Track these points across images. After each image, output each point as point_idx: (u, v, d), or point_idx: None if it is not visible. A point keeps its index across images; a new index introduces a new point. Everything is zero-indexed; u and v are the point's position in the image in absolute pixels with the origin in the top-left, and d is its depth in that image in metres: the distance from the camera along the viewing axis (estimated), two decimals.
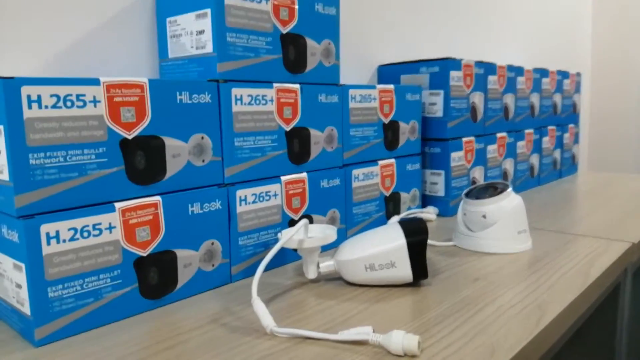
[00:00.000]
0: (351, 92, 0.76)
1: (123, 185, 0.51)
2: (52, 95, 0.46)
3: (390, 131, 0.85)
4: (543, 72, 1.26)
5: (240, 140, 0.61)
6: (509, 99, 1.12)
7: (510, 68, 1.11)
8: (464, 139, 0.97)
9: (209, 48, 0.59)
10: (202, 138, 0.58)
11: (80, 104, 0.47)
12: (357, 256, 0.58)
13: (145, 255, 0.53)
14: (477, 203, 0.73)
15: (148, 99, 0.52)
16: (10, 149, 0.44)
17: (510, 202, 0.72)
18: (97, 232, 0.49)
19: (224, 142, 0.60)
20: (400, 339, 0.42)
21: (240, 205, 0.61)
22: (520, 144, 1.18)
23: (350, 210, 0.78)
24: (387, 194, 0.85)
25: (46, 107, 0.45)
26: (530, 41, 1.66)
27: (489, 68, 1.04)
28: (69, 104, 0.47)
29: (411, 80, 0.97)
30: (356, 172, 0.78)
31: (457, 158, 0.96)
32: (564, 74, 1.38)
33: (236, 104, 0.60)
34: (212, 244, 0.59)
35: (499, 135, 1.09)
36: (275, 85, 0.64)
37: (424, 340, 0.45)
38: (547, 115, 1.30)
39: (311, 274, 0.59)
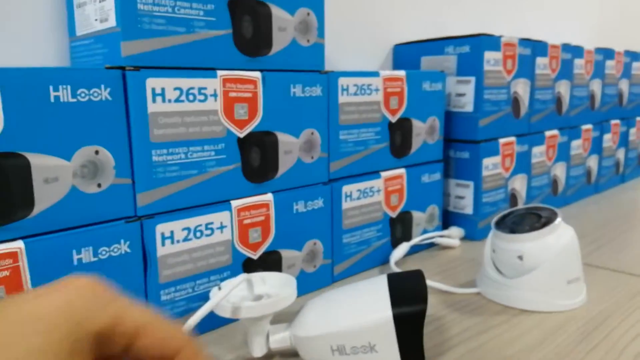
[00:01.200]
0: (342, 81, 0.56)
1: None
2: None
3: (399, 132, 0.64)
4: (607, 53, 1.01)
5: (161, 153, 0.43)
6: (563, 88, 0.89)
7: (566, 48, 0.88)
8: (502, 140, 0.76)
9: (112, 21, 0.41)
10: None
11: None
12: (321, 332, 0.39)
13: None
14: (510, 239, 0.52)
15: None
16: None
17: (558, 239, 0.51)
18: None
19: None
20: None
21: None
22: (575, 143, 0.94)
23: (338, 240, 0.59)
24: (394, 214, 0.65)
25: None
26: (592, 15, 1.38)
27: (538, 47, 0.81)
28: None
29: (434, 63, 0.75)
30: (348, 188, 0.59)
31: (491, 165, 0.74)
32: (634, 55, 1.12)
33: (162, 101, 0.42)
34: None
35: (548, 134, 0.86)
36: (220, 73, 0.45)
37: None
38: (611, 107, 1.05)
39: (257, 350, 0.41)
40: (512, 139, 0.78)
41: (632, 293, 0.55)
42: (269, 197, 0.51)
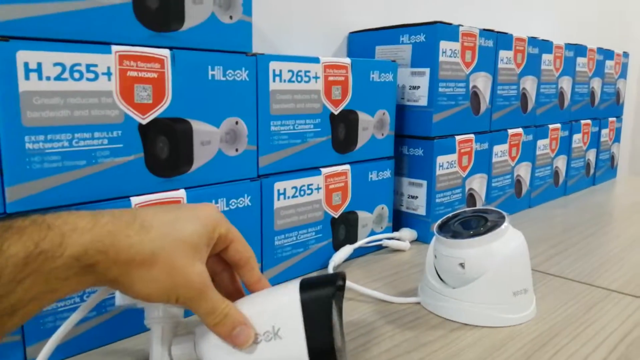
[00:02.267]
0: (273, 65, 0.51)
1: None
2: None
3: (342, 125, 0.59)
4: (579, 49, 0.97)
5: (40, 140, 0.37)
6: (529, 84, 0.84)
7: (533, 41, 0.83)
8: (459, 138, 0.71)
9: None
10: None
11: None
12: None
13: None
14: (451, 244, 0.47)
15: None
16: None
17: (504, 245, 0.46)
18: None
19: None
20: None
21: None
22: (542, 142, 0.90)
23: (269, 242, 0.53)
24: (336, 214, 0.60)
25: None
26: (566, 11, 1.34)
27: (501, 40, 0.76)
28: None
29: (388, 53, 0.70)
30: (281, 185, 0.53)
31: (446, 163, 0.69)
32: (607, 53, 1.08)
33: (39, 79, 0.36)
34: None
35: (511, 132, 0.81)
36: (116, 49, 0.39)
37: None
38: (582, 106, 1.01)
39: None
40: (471, 136, 0.73)
41: (587, 305, 0.50)
42: (180, 193, 0.45)
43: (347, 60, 0.58)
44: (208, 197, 0.47)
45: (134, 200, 0.42)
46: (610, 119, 1.14)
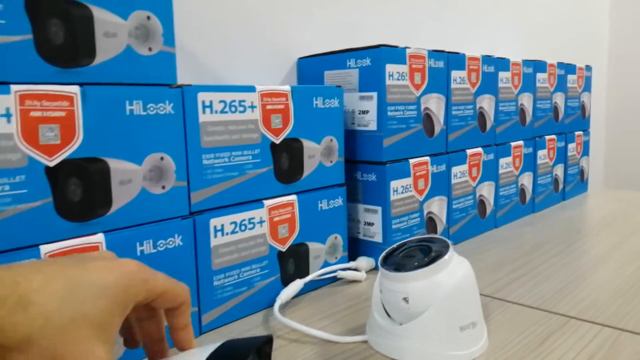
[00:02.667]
0: (203, 96, 0.48)
1: None
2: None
3: (285, 155, 0.56)
4: (538, 65, 0.96)
5: None
6: (487, 103, 0.83)
7: (488, 60, 0.82)
8: (413, 161, 0.69)
9: None
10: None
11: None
12: None
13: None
14: (395, 277, 0.44)
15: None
16: None
17: (448, 277, 0.43)
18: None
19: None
20: None
21: None
22: (504, 161, 0.88)
23: (207, 283, 0.50)
24: (284, 247, 0.57)
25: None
26: (527, 29, 1.35)
27: (453, 60, 0.74)
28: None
29: (337, 78, 0.68)
30: (218, 221, 0.50)
31: (401, 188, 0.67)
32: (569, 68, 1.07)
33: None
34: None
35: (470, 152, 0.80)
36: (16, 88, 0.37)
37: None
38: (545, 122, 1.00)
39: None
40: (426, 158, 0.71)
41: (543, 335, 0.48)
42: (98, 237, 0.42)
43: (287, 88, 0.56)
44: (131, 240, 0.44)
45: (44, 248, 0.39)
46: (577, 133, 1.13)
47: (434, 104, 0.71)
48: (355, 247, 0.69)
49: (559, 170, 1.06)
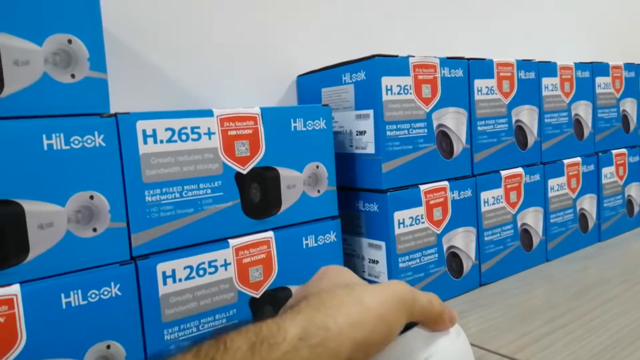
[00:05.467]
0: (142, 125, 0.43)
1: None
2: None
3: (256, 186, 0.49)
4: (595, 68, 0.82)
5: None
6: (526, 114, 0.70)
7: (524, 64, 0.70)
8: (424, 187, 0.59)
9: None
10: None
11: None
12: None
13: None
14: None
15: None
16: None
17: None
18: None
19: None
20: None
21: None
22: (555, 182, 0.75)
23: (156, 338, 0.44)
24: (257, 293, 0.49)
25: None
26: (589, 27, 1.18)
27: (476, 67, 0.64)
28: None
29: (333, 95, 0.61)
30: (166, 266, 0.44)
31: (409, 219, 0.57)
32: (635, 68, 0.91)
33: None
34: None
35: (505, 173, 0.68)
36: None
37: None
38: (609, 134, 0.85)
39: None
40: (443, 183, 0.60)
41: None
42: (14, 289, 0.37)
43: (256, 110, 0.49)
44: (53, 290, 0.39)
45: None
46: None
47: (452, 120, 0.61)
48: None
49: (633, 190, 0.89)
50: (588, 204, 0.80)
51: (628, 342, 0.47)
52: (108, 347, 0.41)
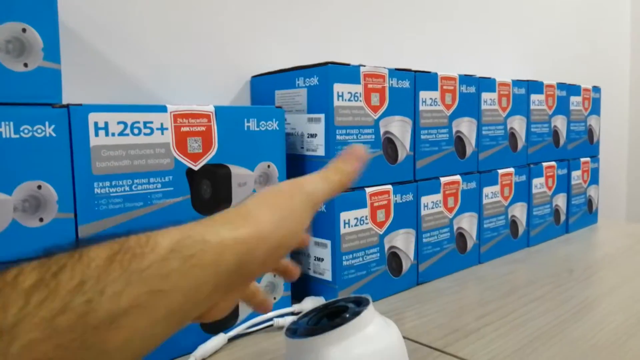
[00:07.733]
0: (94, 117, 0.43)
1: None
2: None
3: (206, 182, 0.50)
4: (531, 86, 0.88)
5: None
6: (465, 126, 0.75)
7: (465, 79, 0.75)
8: (370, 190, 0.62)
9: None
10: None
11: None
12: None
13: None
14: (298, 345, 0.37)
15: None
16: None
17: (357, 345, 0.36)
18: None
19: None
20: None
21: None
22: (489, 190, 0.80)
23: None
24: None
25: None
26: (530, 49, 1.27)
27: (422, 79, 0.68)
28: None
29: (287, 97, 0.62)
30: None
31: (354, 220, 0.60)
32: (572, 89, 0.98)
33: None
34: None
35: (445, 179, 0.72)
36: None
37: None
38: (541, 147, 0.91)
39: None
40: (387, 187, 0.64)
41: None
42: None
43: (210, 108, 0.50)
44: None
45: None
46: (583, 159, 1.03)
47: (397, 127, 0.64)
48: (305, 285, 0.62)
49: (559, 200, 0.97)
50: (519, 211, 0.86)
51: (547, 338, 0.51)
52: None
